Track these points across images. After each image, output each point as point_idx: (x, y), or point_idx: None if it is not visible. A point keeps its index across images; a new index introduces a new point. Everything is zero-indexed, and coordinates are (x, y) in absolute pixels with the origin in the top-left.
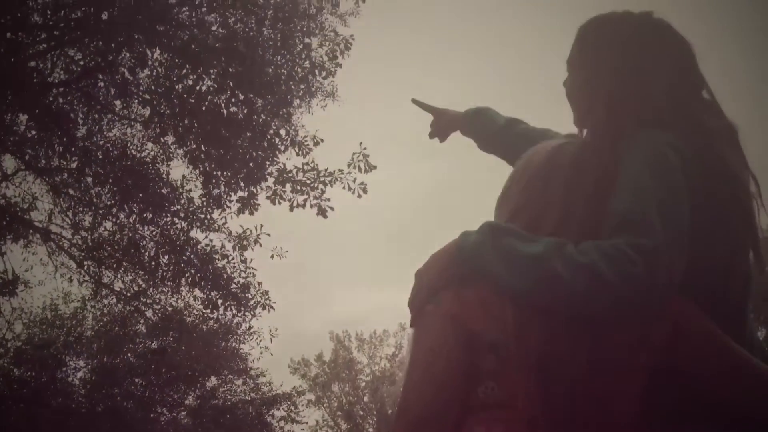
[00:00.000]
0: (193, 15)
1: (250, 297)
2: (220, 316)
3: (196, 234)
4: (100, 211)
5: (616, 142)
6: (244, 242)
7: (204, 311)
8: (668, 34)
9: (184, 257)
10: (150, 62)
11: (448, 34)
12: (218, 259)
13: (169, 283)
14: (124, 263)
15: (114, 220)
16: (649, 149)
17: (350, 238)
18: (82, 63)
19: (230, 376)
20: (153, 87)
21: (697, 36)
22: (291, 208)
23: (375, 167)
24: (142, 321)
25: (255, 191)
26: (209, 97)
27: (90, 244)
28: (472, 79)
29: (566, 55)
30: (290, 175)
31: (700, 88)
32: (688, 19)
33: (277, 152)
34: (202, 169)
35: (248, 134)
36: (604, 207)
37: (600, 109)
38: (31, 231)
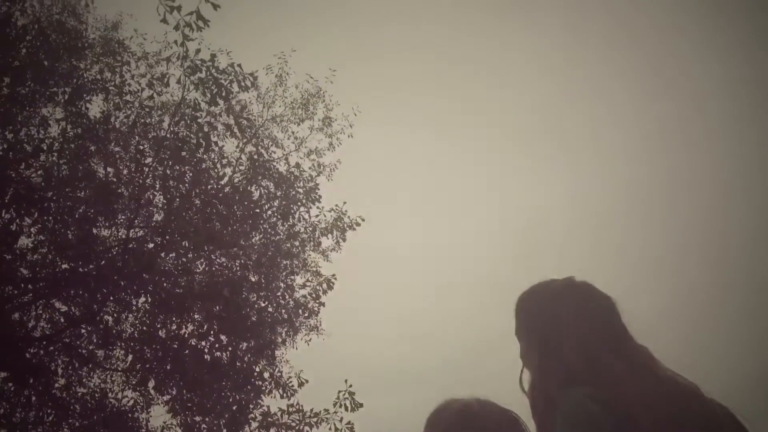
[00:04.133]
0: (179, 262)
1: None
2: None
3: None
4: None
5: (547, 406)
6: None
7: None
8: (583, 296)
9: None
10: (134, 308)
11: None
12: None
13: None
14: None
15: None
16: (568, 406)
17: None
18: (66, 313)
19: None
20: (136, 334)
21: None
22: None
23: (362, 405)
24: None
25: None
26: (192, 341)
27: None
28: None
29: None
30: (275, 418)
31: (615, 335)
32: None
33: (261, 395)
34: (182, 419)
35: (232, 376)
36: None
37: (532, 379)
38: None
